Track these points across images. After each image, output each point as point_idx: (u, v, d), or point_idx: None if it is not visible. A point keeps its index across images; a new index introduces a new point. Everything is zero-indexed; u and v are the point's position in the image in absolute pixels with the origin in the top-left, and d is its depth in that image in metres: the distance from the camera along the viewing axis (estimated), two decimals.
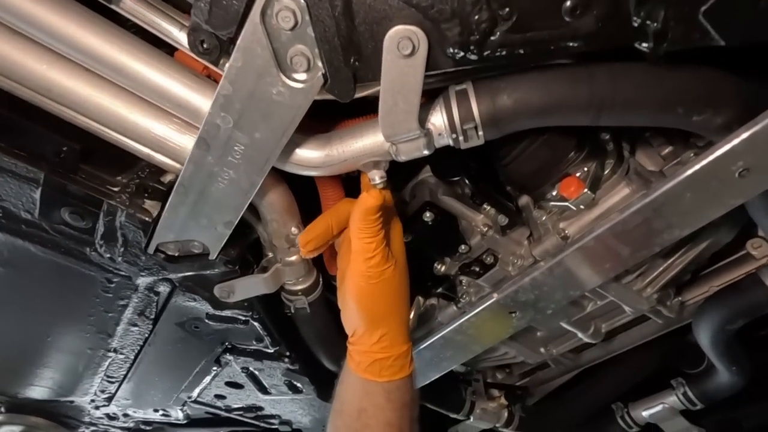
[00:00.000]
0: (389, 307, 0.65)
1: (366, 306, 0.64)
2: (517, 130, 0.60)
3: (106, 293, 0.86)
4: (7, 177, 0.66)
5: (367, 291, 0.63)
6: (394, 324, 0.66)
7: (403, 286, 0.66)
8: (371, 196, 0.60)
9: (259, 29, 0.48)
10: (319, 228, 0.68)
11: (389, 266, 0.63)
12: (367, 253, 0.62)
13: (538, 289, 0.79)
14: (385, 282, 0.63)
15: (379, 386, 0.65)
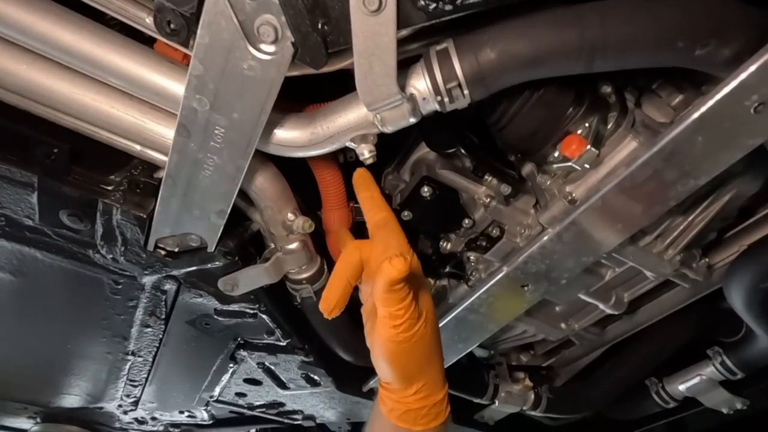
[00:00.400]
0: (424, 362, 0.62)
1: (399, 366, 0.61)
2: (505, 85, 0.57)
3: (115, 295, 0.86)
4: (3, 183, 0.67)
5: (398, 353, 0.59)
6: (429, 376, 0.62)
7: (434, 338, 0.63)
8: (395, 269, 0.53)
9: (221, 1, 0.46)
10: (338, 289, 0.63)
11: (419, 326, 0.59)
12: (396, 320, 0.57)
13: (548, 258, 0.75)
14: (417, 343, 0.59)
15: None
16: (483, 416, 1.26)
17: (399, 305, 0.57)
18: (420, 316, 0.59)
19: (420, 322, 0.59)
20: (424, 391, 0.61)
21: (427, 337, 0.60)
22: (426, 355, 0.61)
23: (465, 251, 0.86)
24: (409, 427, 0.62)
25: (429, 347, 0.61)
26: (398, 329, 0.58)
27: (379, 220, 0.65)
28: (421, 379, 0.61)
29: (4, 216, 0.72)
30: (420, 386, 0.61)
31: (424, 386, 0.61)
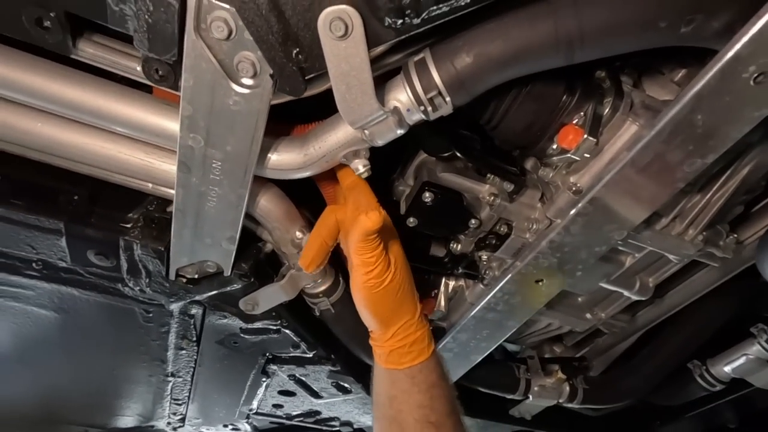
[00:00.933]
0: (397, 306, 0.68)
1: (374, 311, 0.68)
2: (487, 87, 0.57)
3: (148, 323, 0.92)
4: (35, 231, 0.73)
5: (372, 299, 0.66)
6: (404, 317, 0.68)
7: (406, 284, 0.68)
8: (370, 221, 0.60)
9: (198, 45, 0.48)
10: (314, 247, 0.70)
11: (389, 273, 0.65)
12: (368, 267, 0.64)
13: (559, 251, 0.73)
14: (388, 287, 0.65)
15: (401, 373, 0.67)
16: (518, 411, 1.25)
17: (371, 253, 0.63)
18: (390, 263, 0.65)
19: (390, 268, 0.65)
20: (401, 332, 0.68)
21: (398, 283, 0.66)
22: (398, 299, 0.67)
23: (476, 251, 0.85)
24: (396, 367, 0.68)
25: (401, 292, 0.67)
26: (370, 275, 0.64)
27: (349, 184, 0.69)
28: (397, 321, 0.68)
29: (41, 260, 0.78)
30: (397, 328, 0.67)
31: (401, 328, 0.68)
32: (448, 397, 0.68)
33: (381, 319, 0.68)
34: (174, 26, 0.47)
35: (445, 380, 0.70)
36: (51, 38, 0.51)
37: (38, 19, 0.49)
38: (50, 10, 0.49)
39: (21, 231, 0.72)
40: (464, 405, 1.23)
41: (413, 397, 0.66)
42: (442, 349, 0.97)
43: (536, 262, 0.76)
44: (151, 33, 0.48)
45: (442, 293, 0.96)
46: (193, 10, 0.46)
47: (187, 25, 0.47)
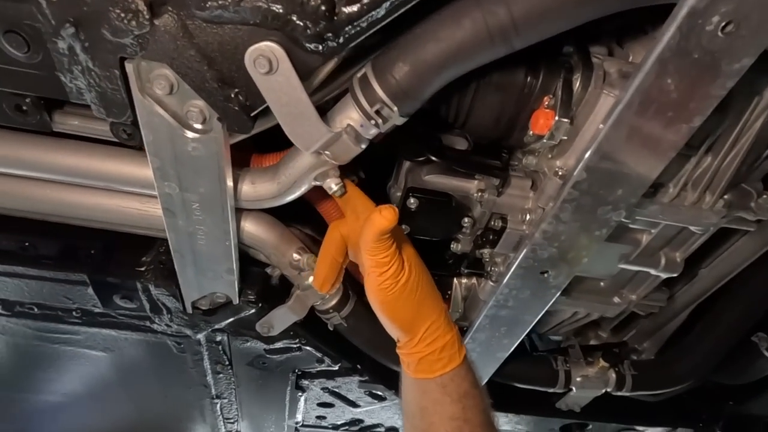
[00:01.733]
0: (418, 306, 0.64)
1: (395, 315, 0.64)
2: (434, 90, 0.55)
3: (182, 353, 0.99)
4: (66, 285, 0.81)
5: (390, 302, 0.63)
6: (429, 320, 0.64)
7: (424, 284, 0.65)
8: (384, 218, 0.57)
9: (147, 103, 0.52)
10: (325, 266, 0.69)
11: (405, 272, 0.62)
12: (383, 267, 0.61)
13: (555, 240, 0.70)
14: (405, 287, 0.62)
15: (432, 383, 0.63)
16: (565, 404, 1.19)
17: (385, 253, 0.60)
18: (404, 262, 0.62)
19: (405, 267, 0.62)
20: (429, 337, 0.63)
21: (415, 281, 0.62)
22: (418, 300, 0.63)
23: (476, 249, 0.83)
24: (426, 376, 0.63)
25: (420, 292, 0.63)
26: (385, 276, 0.61)
27: (341, 196, 0.67)
28: (422, 325, 0.63)
29: (78, 309, 0.88)
30: (423, 332, 0.63)
31: (427, 331, 0.63)
32: (482, 406, 0.63)
33: (403, 324, 0.64)
34: (122, 91, 0.51)
35: (478, 388, 0.65)
36: (32, 119, 0.57)
37: (17, 106, 0.56)
38: (25, 96, 0.55)
39: (55, 286, 0.81)
40: (507, 402, 1.21)
41: (445, 408, 0.62)
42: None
43: (534, 254, 0.72)
44: (103, 101, 0.52)
45: (455, 294, 0.95)
46: (134, 74, 0.50)
47: (133, 89, 0.51)
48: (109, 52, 0.48)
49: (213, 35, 0.48)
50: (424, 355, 0.63)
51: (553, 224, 0.67)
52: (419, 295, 0.63)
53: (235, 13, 0.46)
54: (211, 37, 0.48)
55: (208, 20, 0.46)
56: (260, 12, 0.45)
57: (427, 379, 0.63)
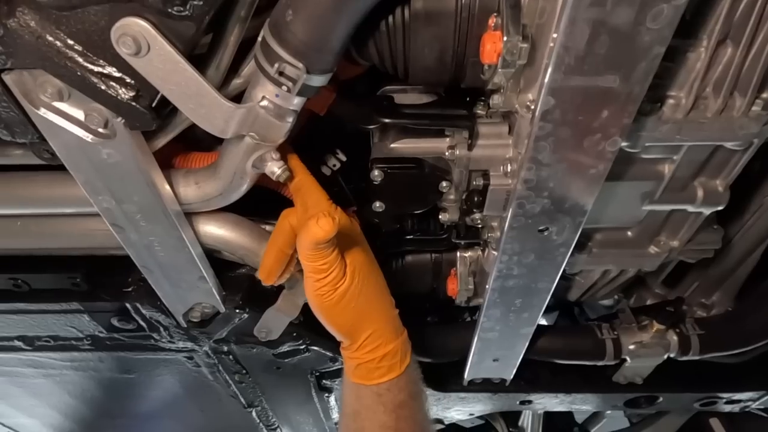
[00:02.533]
0: (359, 315, 0.62)
1: (332, 321, 0.63)
2: (342, 36, 0.47)
3: (196, 367, 0.99)
4: (68, 315, 0.83)
5: (327, 308, 0.61)
6: (370, 328, 0.62)
7: (368, 290, 0.62)
8: (321, 229, 0.54)
9: (43, 117, 0.49)
10: (270, 257, 0.66)
11: (345, 279, 0.59)
12: (320, 274, 0.58)
13: (543, 189, 0.58)
14: (344, 295, 0.60)
15: (368, 389, 0.62)
16: (623, 377, 1.03)
17: (323, 261, 0.57)
18: (346, 268, 0.59)
19: (347, 275, 0.59)
20: (369, 344, 0.61)
21: (356, 290, 0.59)
22: (359, 308, 0.60)
23: (466, 215, 0.73)
24: (363, 382, 0.62)
25: (362, 300, 0.60)
26: (323, 283, 0.58)
27: (294, 184, 0.64)
28: (362, 333, 0.61)
29: (87, 336, 0.90)
30: (364, 339, 0.61)
31: (368, 339, 0.61)
32: (417, 419, 0.63)
33: (341, 330, 0.62)
34: (15, 110, 0.48)
35: (417, 400, 0.64)
36: None
37: None
38: None
39: (58, 317, 0.84)
40: (555, 381, 1.08)
41: (378, 416, 0.61)
42: (482, 331, 0.85)
43: (523, 209, 0.61)
44: (5, 124, 0.50)
45: (461, 270, 0.85)
46: (17, 87, 0.47)
47: (24, 105, 0.48)
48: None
49: (75, 24, 0.43)
50: (362, 362, 0.62)
51: (533, 170, 0.56)
52: (360, 303, 0.60)
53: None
54: (74, 26, 0.43)
55: (59, 7, 0.42)
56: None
57: (363, 385, 0.62)
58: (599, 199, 0.62)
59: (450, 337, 0.95)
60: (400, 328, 0.65)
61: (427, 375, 1.03)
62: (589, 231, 0.75)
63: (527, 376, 1.07)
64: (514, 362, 0.95)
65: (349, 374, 0.65)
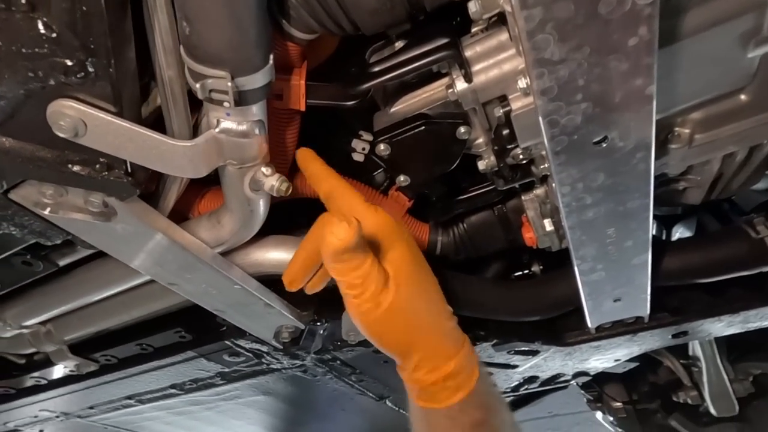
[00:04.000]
0: (410, 330, 0.54)
1: (382, 341, 0.56)
2: (251, 22, 0.40)
3: (314, 377, 1.03)
4: (192, 362, 0.93)
5: (372, 326, 0.54)
6: (425, 344, 0.54)
7: (419, 299, 0.54)
8: (336, 237, 0.48)
9: (56, 217, 0.53)
10: (296, 264, 0.61)
11: (387, 291, 0.52)
12: (355, 290, 0.52)
13: (575, 92, 0.44)
14: (389, 309, 0.52)
15: (438, 413, 0.54)
16: None
17: (354, 273, 0.50)
18: (389, 279, 0.51)
19: (390, 286, 0.51)
20: (426, 364, 0.53)
21: (405, 302, 0.52)
22: (411, 322, 0.53)
23: (502, 154, 0.60)
24: (431, 406, 0.54)
25: (412, 313, 0.53)
26: (362, 299, 0.51)
27: (324, 192, 0.59)
28: (417, 350, 0.54)
29: (217, 373, 1.00)
30: (419, 359, 0.53)
31: (423, 358, 0.53)
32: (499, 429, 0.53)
33: (394, 350, 0.55)
34: (36, 220, 0.53)
35: (496, 412, 0.54)
36: (38, 268, 0.66)
37: (24, 262, 0.65)
38: (21, 254, 0.63)
39: (188, 365, 0.95)
40: (714, 303, 0.87)
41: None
42: (583, 275, 0.71)
43: (559, 127, 0.47)
44: (38, 233, 0.55)
45: (531, 215, 0.72)
46: (26, 202, 0.51)
47: (39, 213, 0.52)
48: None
49: (21, 127, 0.44)
50: (425, 385, 0.53)
51: (545, 75, 0.42)
52: (410, 317, 0.52)
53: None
54: (21, 130, 0.45)
55: (2, 120, 0.43)
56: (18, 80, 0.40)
57: (432, 409, 0.54)
58: (673, 69, 0.45)
59: (550, 289, 0.82)
60: (459, 339, 0.56)
61: (542, 331, 0.93)
62: (679, 114, 0.56)
63: (674, 305, 0.88)
64: (642, 297, 0.78)
65: (414, 398, 0.57)
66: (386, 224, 0.54)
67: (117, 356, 0.94)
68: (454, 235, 0.78)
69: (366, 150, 0.79)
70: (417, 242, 0.78)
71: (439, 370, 0.53)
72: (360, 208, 0.55)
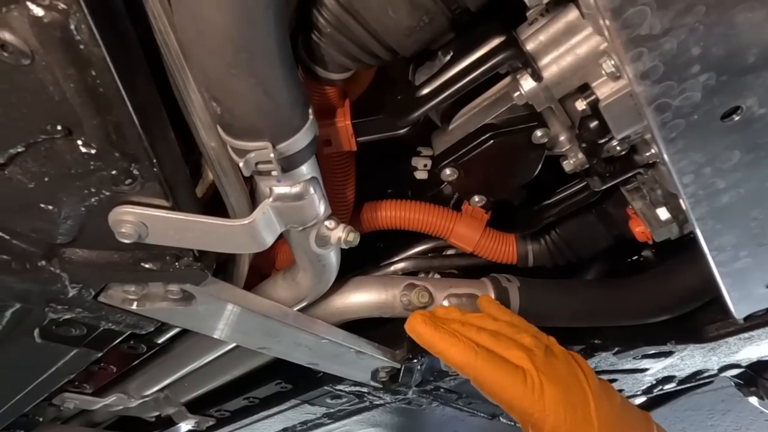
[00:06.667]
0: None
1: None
2: (279, 85, 0.36)
3: (420, 406, 0.99)
4: (296, 407, 0.94)
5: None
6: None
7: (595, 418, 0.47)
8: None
9: (143, 309, 0.54)
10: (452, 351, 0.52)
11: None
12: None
13: (690, 65, 0.34)
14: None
15: None
16: None
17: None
18: (547, 408, 0.46)
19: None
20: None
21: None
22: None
23: (592, 151, 0.50)
24: None
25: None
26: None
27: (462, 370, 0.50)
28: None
29: (323, 414, 1.01)
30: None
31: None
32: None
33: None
34: (127, 315, 0.54)
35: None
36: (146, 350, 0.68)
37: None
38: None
39: (292, 412, 0.96)
40: None
41: None
42: (721, 266, 0.58)
43: (671, 111, 0.37)
44: (132, 325, 0.57)
45: (638, 207, 0.60)
46: (114, 301, 0.52)
47: (127, 308, 0.53)
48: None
49: (92, 239, 0.45)
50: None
51: (644, 54, 0.32)
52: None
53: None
54: (93, 241, 0.45)
55: (71, 236, 0.44)
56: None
57: None
58: None
59: (674, 284, 0.69)
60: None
61: (673, 329, 0.79)
62: None
63: None
64: None
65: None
66: (561, 418, 0.46)
67: (229, 410, 0.97)
68: (547, 242, 0.69)
69: (428, 166, 0.73)
70: (505, 256, 0.71)
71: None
72: (523, 405, 0.46)
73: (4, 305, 0.51)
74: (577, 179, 0.59)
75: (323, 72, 0.44)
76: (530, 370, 0.47)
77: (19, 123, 0.33)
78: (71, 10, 0.27)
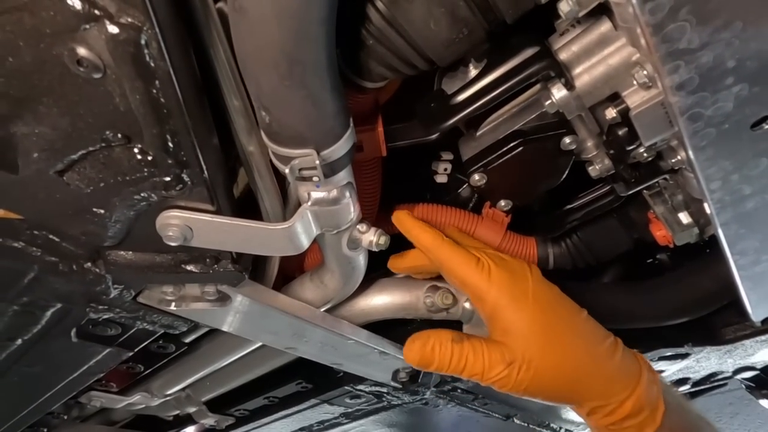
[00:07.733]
0: (565, 388, 0.51)
1: (543, 400, 0.53)
2: (324, 94, 0.37)
3: (436, 407, 1.00)
4: (316, 407, 0.96)
5: (525, 395, 0.52)
6: (590, 394, 0.51)
7: (564, 358, 0.50)
8: (408, 359, 0.55)
9: (180, 310, 0.55)
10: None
11: (513, 369, 0.49)
12: (478, 377, 0.51)
13: (725, 76, 0.35)
14: (535, 380, 0.50)
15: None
16: None
17: (457, 361, 0.51)
18: (514, 362, 0.49)
19: (516, 367, 0.49)
20: (599, 410, 0.50)
21: (547, 368, 0.49)
22: (562, 382, 0.50)
23: (620, 156, 0.51)
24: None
25: (559, 372, 0.49)
26: (490, 381, 0.50)
27: (435, 263, 0.57)
28: (585, 399, 0.51)
29: (341, 414, 1.02)
30: (590, 407, 0.51)
31: (594, 406, 0.50)
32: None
33: (560, 404, 0.54)
34: (164, 315, 0.56)
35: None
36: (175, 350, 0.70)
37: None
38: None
39: (313, 411, 0.97)
40: None
41: None
42: (742, 270, 0.59)
43: (704, 121, 0.38)
44: (168, 325, 0.58)
45: (660, 211, 0.61)
46: (151, 302, 0.54)
47: (164, 309, 0.55)
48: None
49: (139, 241, 0.47)
50: (602, 426, 0.51)
51: (681, 67, 0.34)
52: (560, 377, 0.50)
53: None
54: (138, 243, 0.47)
55: (119, 237, 0.46)
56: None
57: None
58: None
59: (693, 286, 0.70)
60: (632, 375, 0.50)
61: (691, 331, 0.80)
62: None
63: None
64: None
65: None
66: (502, 292, 0.52)
67: (249, 409, 0.99)
68: (568, 245, 0.70)
69: (448, 170, 0.74)
70: (525, 259, 0.72)
71: (615, 413, 0.49)
72: (473, 280, 0.52)
73: (46, 305, 0.53)
74: (600, 184, 0.61)
75: (361, 81, 0.46)
76: (483, 257, 0.53)
77: (83, 132, 0.34)
78: (144, 27, 0.28)
